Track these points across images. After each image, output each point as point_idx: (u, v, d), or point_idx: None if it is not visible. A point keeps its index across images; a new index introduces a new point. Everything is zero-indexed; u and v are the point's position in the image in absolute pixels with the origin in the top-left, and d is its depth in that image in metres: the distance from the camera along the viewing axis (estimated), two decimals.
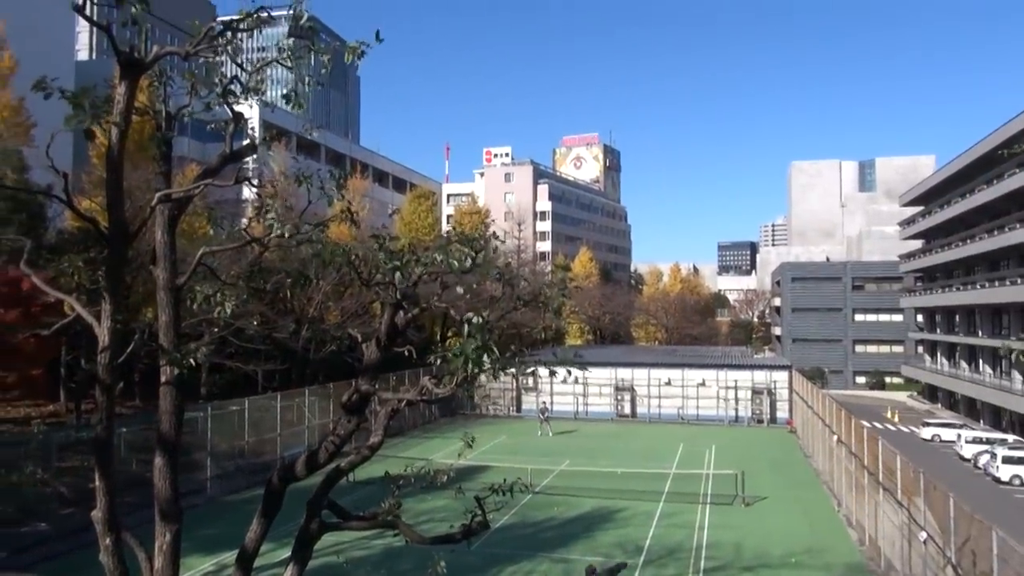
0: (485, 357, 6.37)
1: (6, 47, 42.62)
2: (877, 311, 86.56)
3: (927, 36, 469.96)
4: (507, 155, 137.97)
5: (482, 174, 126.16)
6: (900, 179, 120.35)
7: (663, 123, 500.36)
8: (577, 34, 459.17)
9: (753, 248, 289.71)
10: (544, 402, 48.67)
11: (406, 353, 7.98)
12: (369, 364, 7.74)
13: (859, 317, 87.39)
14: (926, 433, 51.77)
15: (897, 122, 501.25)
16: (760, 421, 49.56)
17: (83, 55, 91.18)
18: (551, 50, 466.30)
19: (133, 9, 5.54)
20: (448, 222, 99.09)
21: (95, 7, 6.33)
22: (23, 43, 45.33)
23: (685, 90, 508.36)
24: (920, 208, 77.05)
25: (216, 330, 31.47)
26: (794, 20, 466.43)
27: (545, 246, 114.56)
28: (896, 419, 60.73)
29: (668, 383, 51.19)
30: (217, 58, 7.49)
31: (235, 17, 6.98)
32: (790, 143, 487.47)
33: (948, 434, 49.96)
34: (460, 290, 8.40)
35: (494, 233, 9.38)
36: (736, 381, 50.33)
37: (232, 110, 7.96)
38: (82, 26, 77.64)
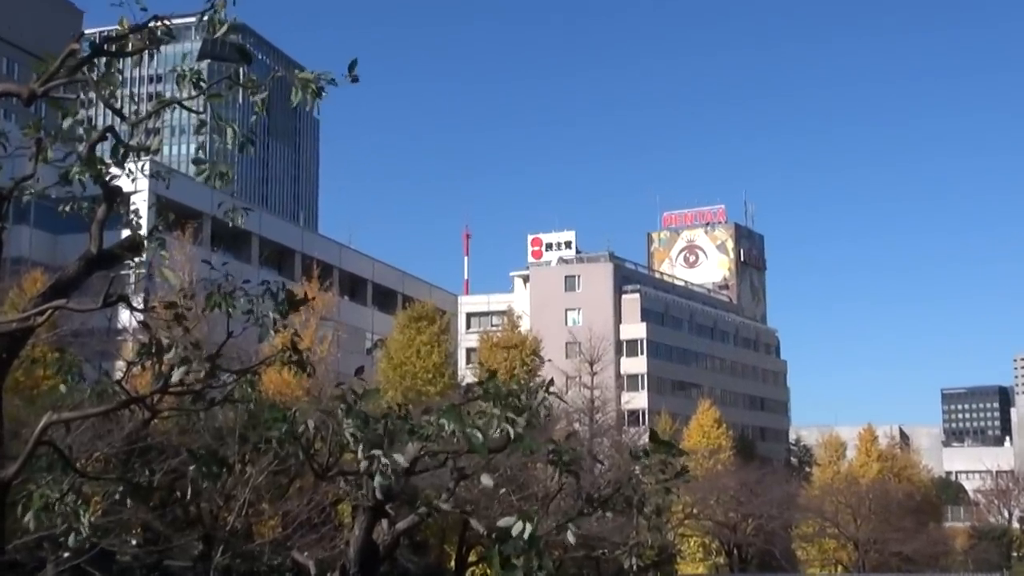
0: None
1: None
2: None
3: None
4: (568, 245, 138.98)
5: (526, 279, 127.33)
6: None
7: (832, 188, 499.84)
8: (684, 49, 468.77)
9: (1004, 397, 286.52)
10: None
11: None
12: None
13: None
14: None
15: None
16: None
17: None
18: (638, 70, 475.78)
19: None
20: (469, 362, 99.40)
21: None
22: None
23: (871, 137, 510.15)
24: None
25: (66, 556, 31.53)
26: None
27: (638, 400, 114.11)
28: None
29: None
30: (82, 98, 7.78)
31: (113, 30, 7.22)
32: None
33: None
34: (488, 480, 8.37)
35: (547, 383, 9.38)
36: None
37: (104, 183, 8.17)
38: None
